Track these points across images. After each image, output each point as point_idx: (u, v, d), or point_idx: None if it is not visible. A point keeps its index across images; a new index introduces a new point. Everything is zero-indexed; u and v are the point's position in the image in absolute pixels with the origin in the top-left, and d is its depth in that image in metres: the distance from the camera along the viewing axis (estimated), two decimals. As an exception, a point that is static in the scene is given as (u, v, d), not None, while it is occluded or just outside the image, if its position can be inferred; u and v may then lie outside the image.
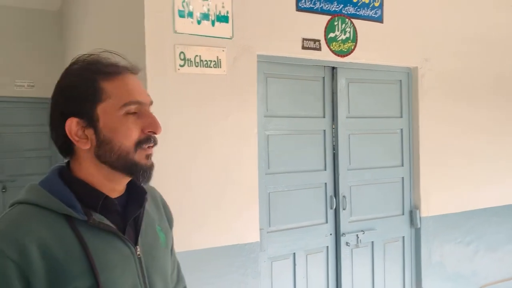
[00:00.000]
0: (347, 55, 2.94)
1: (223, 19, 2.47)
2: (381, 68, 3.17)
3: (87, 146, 0.97)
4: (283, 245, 2.82)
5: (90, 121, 0.96)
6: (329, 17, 2.86)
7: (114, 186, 1.01)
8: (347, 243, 3.05)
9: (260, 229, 2.65)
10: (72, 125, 0.95)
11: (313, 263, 2.96)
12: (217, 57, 2.47)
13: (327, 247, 3.03)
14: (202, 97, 2.44)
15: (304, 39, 2.77)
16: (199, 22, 2.40)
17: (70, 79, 0.98)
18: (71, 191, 0.95)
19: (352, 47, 2.96)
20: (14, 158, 6.24)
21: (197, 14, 2.39)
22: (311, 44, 2.79)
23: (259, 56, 2.65)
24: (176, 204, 2.36)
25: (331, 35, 2.87)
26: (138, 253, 1.01)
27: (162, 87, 2.31)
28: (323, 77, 2.99)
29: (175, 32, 2.34)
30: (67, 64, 1.00)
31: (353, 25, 2.95)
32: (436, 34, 3.32)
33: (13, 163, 6.22)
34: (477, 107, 3.54)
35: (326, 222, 3.02)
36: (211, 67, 2.46)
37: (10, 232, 0.87)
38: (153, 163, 1.02)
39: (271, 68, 2.76)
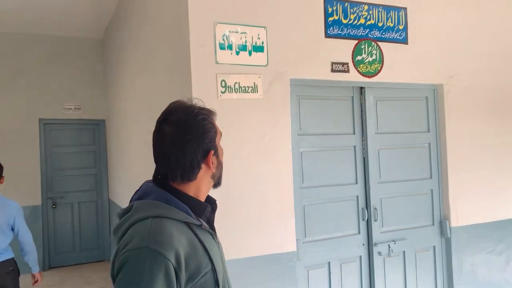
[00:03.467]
0: (374, 76, 3.15)
1: (259, 49, 2.74)
2: (407, 86, 3.36)
3: (214, 170, 1.31)
4: (318, 255, 3.02)
5: (216, 151, 1.31)
6: (356, 41, 3.08)
7: (206, 195, 1.35)
8: (379, 253, 3.22)
9: (297, 240, 2.86)
10: (212, 157, 1.29)
11: (347, 272, 3.14)
12: (254, 83, 2.73)
13: (360, 256, 3.20)
14: (241, 119, 2.70)
15: (333, 63, 3.00)
16: (237, 53, 2.68)
17: (203, 124, 1.27)
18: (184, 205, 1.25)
19: (379, 68, 3.16)
20: (63, 176, 6.66)
21: (235, 46, 2.67)
22: (340, 67, 3.02)
23: (291, 80, 2.89)
24: (222, 217, 2.63)
25: (359, 58, 3.09)
26: (219, 245, 1.34)
27: (206, 112, 2.58)
28: (352, 97, 3.20)
29: (217, 62, 2.62)
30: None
31: (379, 47, 3.16)
32: (460, 51, 3.49)
33: (62, 180, 6.65)
34: (503, 119, 3.65)
35: (359, 233, 3.20)
36: (249, 92, 2.72)
37: (169, 242, 1.12)
38: None
39: (303, 90, 3.00)
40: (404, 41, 3.27)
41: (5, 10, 5.43)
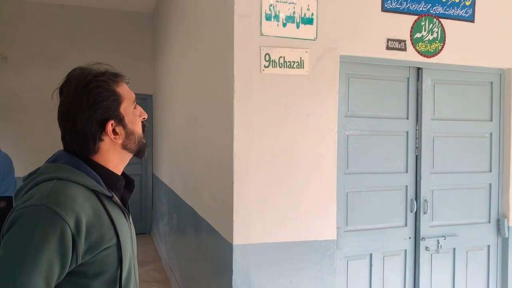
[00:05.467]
0: (433, 56, 2.87)
1: (308, 21, 2.54)
2: (471, 69, 3.05)
3: (120, 141, 1.22)
4: (360, 245, 2.83)
5: (120, 120, 1.22)
6: (415, 17, 2.81)
7: (122, 167, 1.28)
8: (426, 248, 2.98)
9: (337, 228, 2.69)
10: (110, 128, 1.19)
11: (390, 265, 2.94)
12: (300, 58, 2.54)
13: (405, 250, 2.98)
14: (284, 96, 2.53)
15: (388, 40, 2.76)
16: (284, 25, 2.49)
17: (94, 92, 1.17)
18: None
19: (440, 48, 2.87)
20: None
21: (282, 17, 2.49)
22: (396, 45, 2.77)
23: (342, 56, 2.68)
24: (259, 197, 2.50)
25: (417, 35, 2.81)
26: (131, 225, 1.28)
27: (248, 86, 2.44)
28: (408, 78, 2.95)
29: (262, 34, 2.45)
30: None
31: (441, 25, 2.87)
32: (535, 32, 3.11)
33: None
34: None
35: (406, 225, 2.98)
36: (294, 67, 2.54)
37: (70, 205, 1.06)
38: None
39: (354, 68, 2.78)
40: (471, 18, 2.95)
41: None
